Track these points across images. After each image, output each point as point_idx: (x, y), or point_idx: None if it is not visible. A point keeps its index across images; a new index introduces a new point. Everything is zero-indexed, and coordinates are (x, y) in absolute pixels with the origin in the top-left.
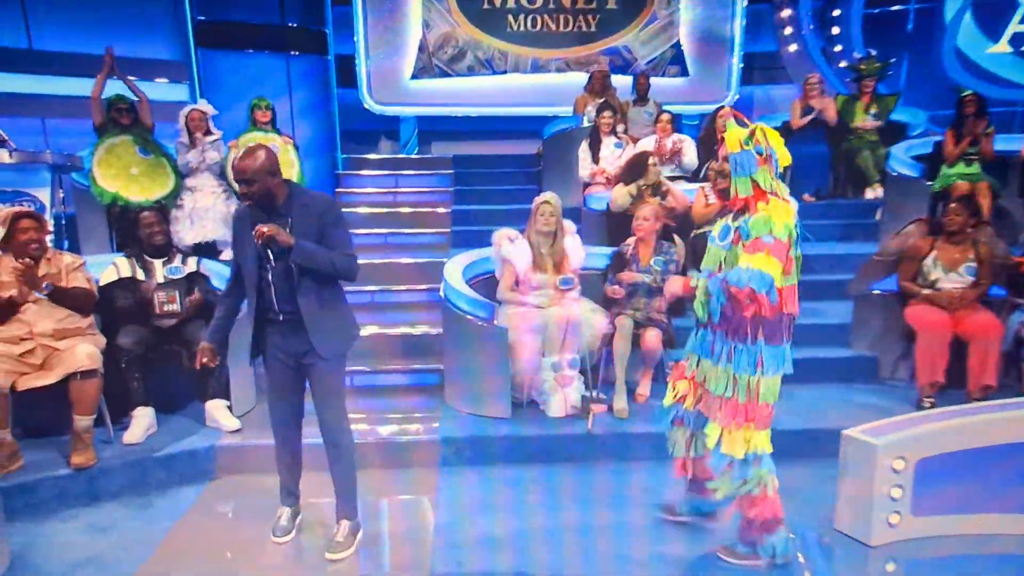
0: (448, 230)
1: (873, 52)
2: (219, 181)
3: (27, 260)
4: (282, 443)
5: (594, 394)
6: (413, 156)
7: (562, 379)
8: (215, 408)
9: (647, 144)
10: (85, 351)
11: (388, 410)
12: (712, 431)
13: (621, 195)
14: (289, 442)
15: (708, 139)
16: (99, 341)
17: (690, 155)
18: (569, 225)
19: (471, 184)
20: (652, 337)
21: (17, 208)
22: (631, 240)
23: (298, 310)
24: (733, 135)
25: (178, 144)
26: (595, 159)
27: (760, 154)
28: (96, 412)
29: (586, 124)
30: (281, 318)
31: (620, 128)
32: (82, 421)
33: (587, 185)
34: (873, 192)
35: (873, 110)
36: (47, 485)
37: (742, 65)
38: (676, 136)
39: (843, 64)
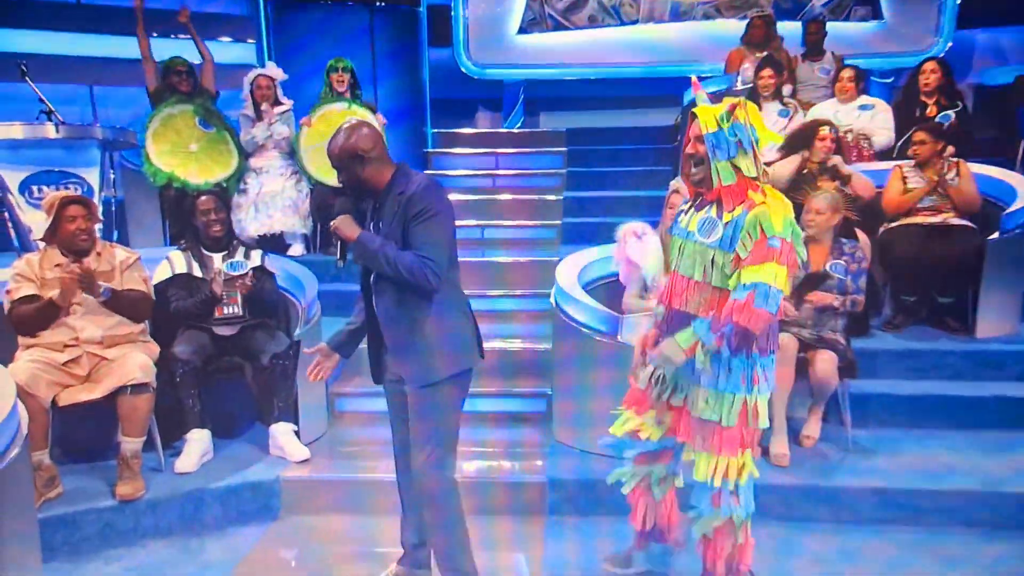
0: (559, 222)
1: None
2: (289, 162)
3: (85, 263)
4: (398, 477)
5: None
6: (517, 130)
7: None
8: (280, 433)
9: (826, 110)
10: (137, 361)
11: (481, 442)
12: (702, 462)
13: (782, 169)
14: (398, 479)
15: (907, 104)
16: (152, 350)
17: (883, 126)
18: None
19: (589, 165)
20: (825, 363)
21: (65, 193)
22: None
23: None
24: (707, 113)
25: (241, 116)
26: None
27: (738, 135)
28: (146, 434)
29: (741, 86)
30: (381, 329)
31: (787, 90)
32: (130, 444)
33: None
34: None
35: None
36: (89, 519)
37: (958, 1)
38: (863, 101)
39: None
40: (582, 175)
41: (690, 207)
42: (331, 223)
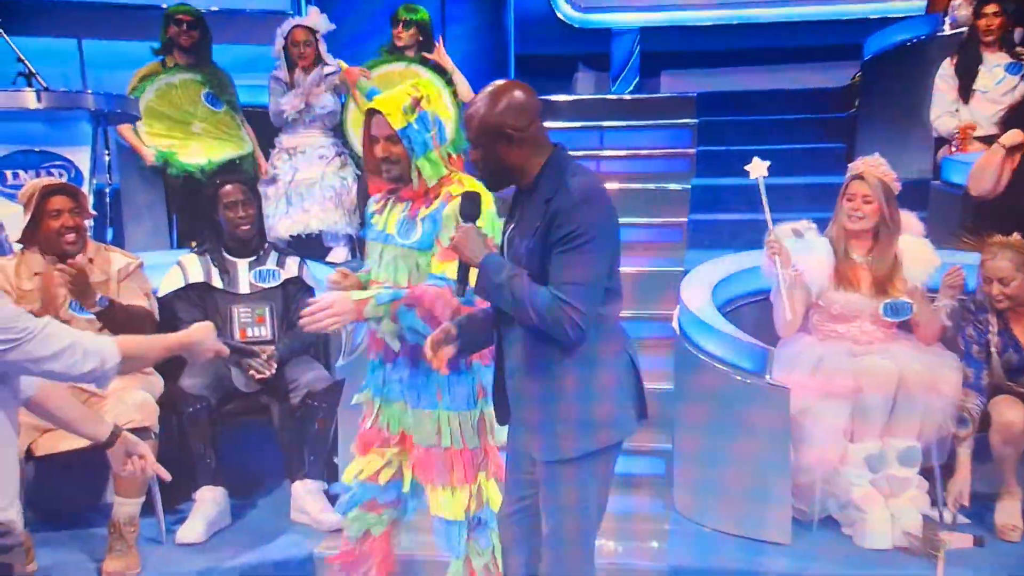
0: (685, 220)
1: None
2: (332, 140)
3: (77, 262)
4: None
5: (948, 514)
6: (630, 96)
7: (887, 484)
8: (305, 493)
9: None
10: (135, 400)
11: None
12: (435, 496)
13: (988, 164)
14: (508, 559)
15: None
16: (154, 384)
17: None
18: (909, 218)
19: (727, 141)
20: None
21: (47, 180)
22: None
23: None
24: (391, 106)
25: (272, 80)
26: (965, 95)
27: (428, 127)
28: (144, 494)
29: (950, 30)
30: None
31: (1020, 35)
32: (124, 506)
33: (943, 142)
34: None
35: None
36: None
37: None
38: None
39: None
40: (718, 156)
41: (382, 205)
42: (450, 239)
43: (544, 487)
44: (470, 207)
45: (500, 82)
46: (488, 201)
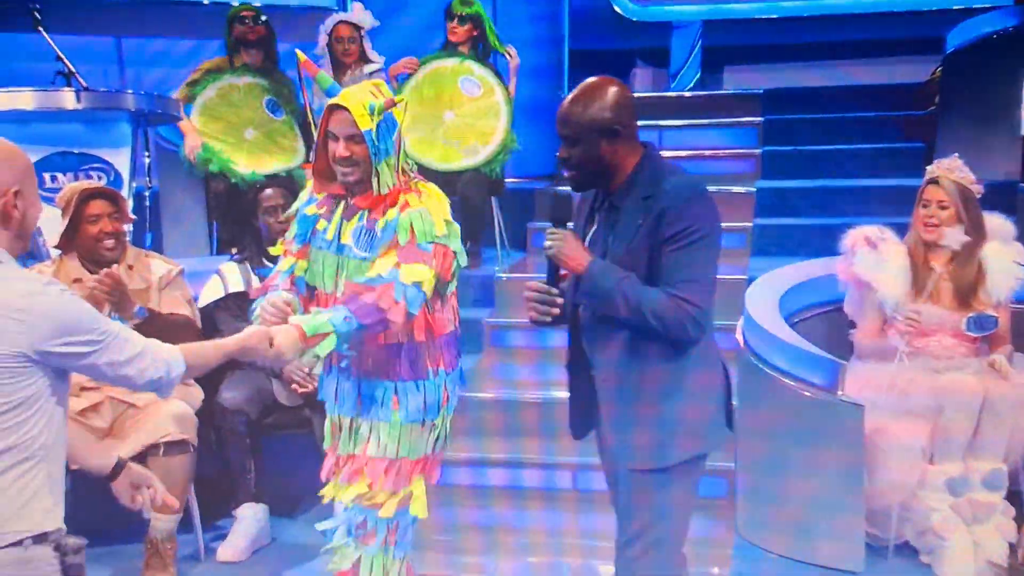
0: (750, 224)
1: None
2: None
3: (114, 273)
4: None
5: None
6: (691, 93)
7: (970, 509)
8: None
9: None
10: (173, 412)
11: None
12: (382, 498)
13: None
14: None
15: None
16: (194, 396)
17: None
18: (999, 222)
19: (795, 141)
20: None
21: (85, 184)
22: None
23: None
24: (357, 99)
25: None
26: None
27: (390, 128)
28: (183, 510)
29: None
30: (591, 375)
31: None
32: (162, 523)
33: None
34: None
35: None
36: None
37: None
38: None
39: None
40: (786, 156)
41: (328, 210)
42: (547, 244)
43: (635, 495)
44: (562, 210)
45: (597, 78)
46: (445, 210)
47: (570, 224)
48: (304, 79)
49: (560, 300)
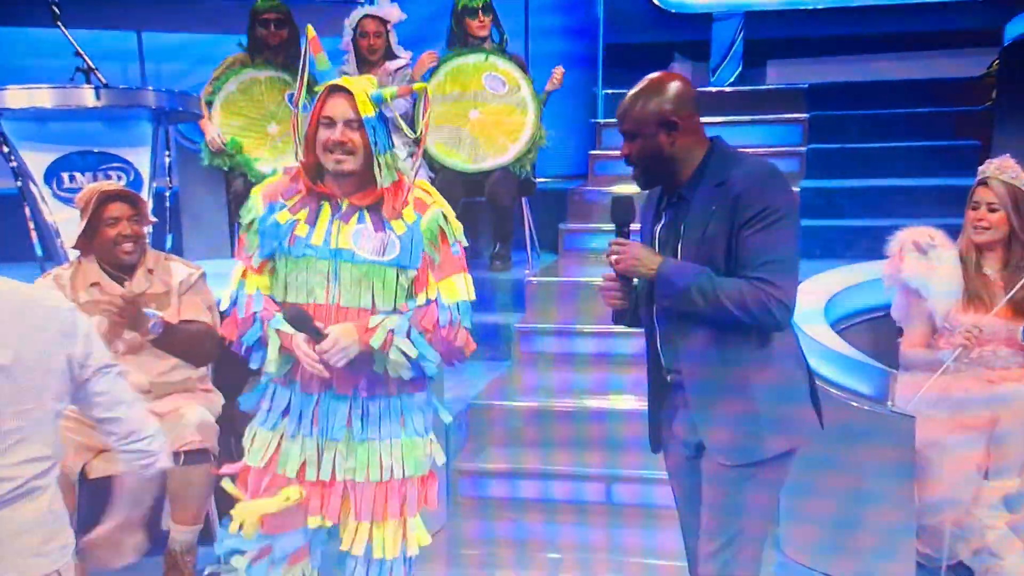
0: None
1: None
2: (403, 141)
3: (129, 293)
4: None
5: None
6: (731, 88)
7: None
8: None
9: None
10: (195, 419)
11: (667, 553)
12: (381, 532)
13: None
14: None
15: None
16: (214, 402)
17: None
18: None
19: (843, 139)
20: None
21: (104, 185)
22: None
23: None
24: (360, 86)
25: (338, 75)
26: None
27: (385, 121)
28: (203, 520)
29: None
30: (670, 378)
31: None
32: (182, 534)
33: None
34: None
35: None
36: None
37: None
38: None
39: None
40: (831, 155)
41: (315, 215)
42: (612, 259)
43: (720, 490)
44: (623, 211)
45: (657, 73)
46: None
47: (634, 226)
48: (307, 60)
49: (630, 288)
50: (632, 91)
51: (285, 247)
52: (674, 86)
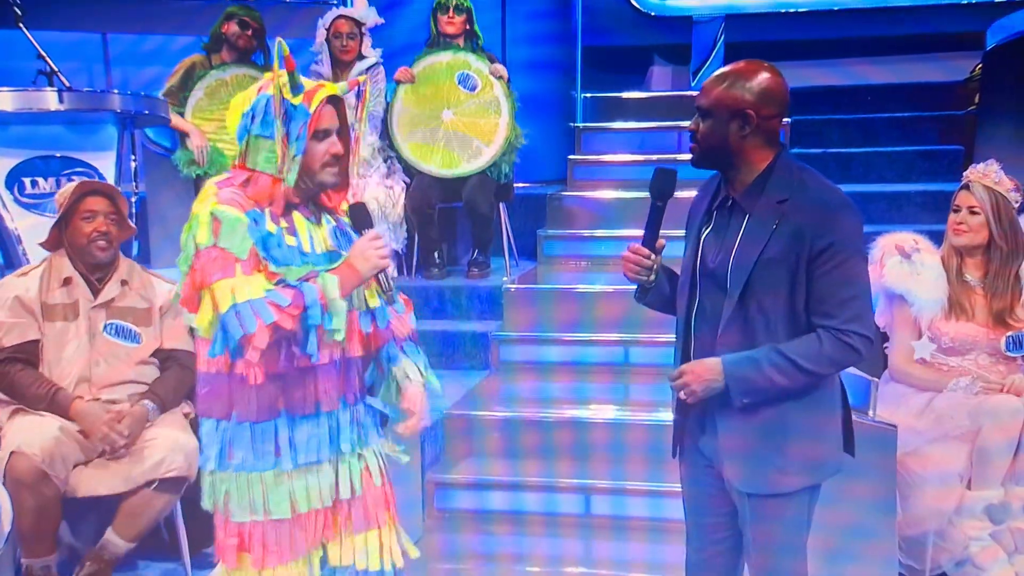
0: None
1: None
2: (379, 144)
3: (121, 414)
4: None
5: None
6: None
7: (1011, 538)
8: None
9: None
10: (182, 445)
11: (652, 566)
12: (355, 546)
13: None
14: None
15: None
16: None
17: None
18: None
19: (825, 143)
20: None
21: (84, 181)
22: None
23: None
24: (339, 91)
25: (312, 75)
26: None
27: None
28: (140, 539)
29: None
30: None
31: None
32: (118, 547)
33: None
34: None
35: None
36: None
37: None
38: None
39: None
40: (813, 160)
41: (292, 224)
42: (680, 395)
43: (755, 522)
44: (664, 184)
45: (756, 61)
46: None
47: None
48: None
49: (653, 265)
50: (724, 68)
51: (286, 259)
52: (765, 79)
